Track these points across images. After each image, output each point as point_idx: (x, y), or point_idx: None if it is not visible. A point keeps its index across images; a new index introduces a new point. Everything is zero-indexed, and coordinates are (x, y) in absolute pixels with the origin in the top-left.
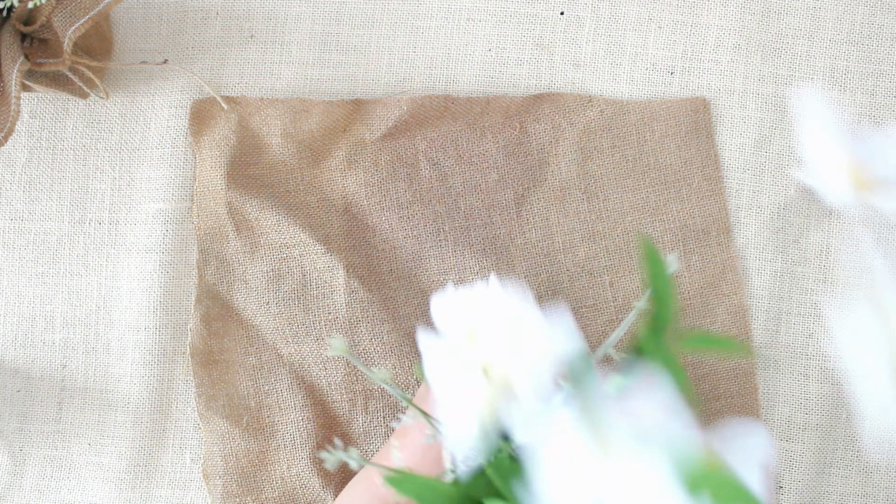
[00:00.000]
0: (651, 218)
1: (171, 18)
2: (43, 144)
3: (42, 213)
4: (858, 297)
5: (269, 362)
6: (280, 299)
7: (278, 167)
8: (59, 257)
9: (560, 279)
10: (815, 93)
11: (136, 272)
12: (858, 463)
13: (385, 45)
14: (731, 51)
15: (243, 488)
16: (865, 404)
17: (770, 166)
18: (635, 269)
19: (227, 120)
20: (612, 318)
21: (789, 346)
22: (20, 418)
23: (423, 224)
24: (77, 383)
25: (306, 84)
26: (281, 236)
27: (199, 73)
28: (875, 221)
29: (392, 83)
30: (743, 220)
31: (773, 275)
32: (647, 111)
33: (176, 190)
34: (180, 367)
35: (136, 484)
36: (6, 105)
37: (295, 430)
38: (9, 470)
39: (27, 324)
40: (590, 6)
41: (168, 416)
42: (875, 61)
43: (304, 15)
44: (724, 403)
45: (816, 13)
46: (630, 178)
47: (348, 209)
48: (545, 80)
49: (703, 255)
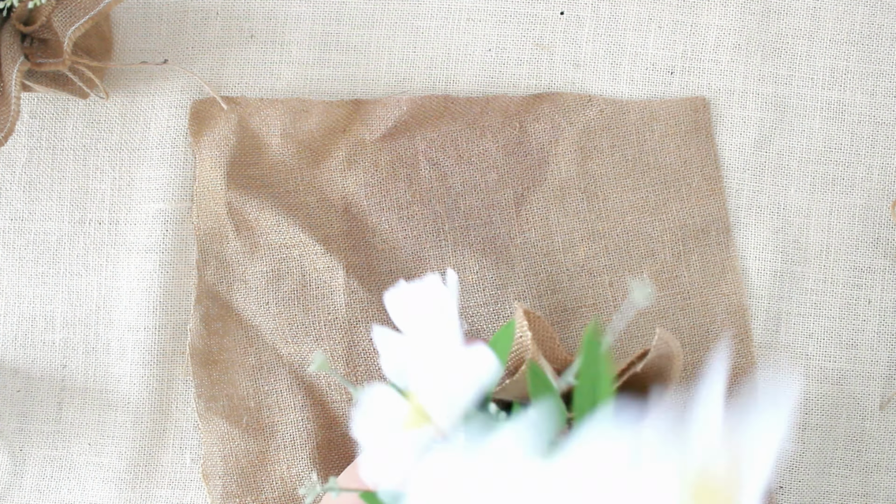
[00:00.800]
0: (651, 217)
1: (171, 18)
2: (43, 144)
3: (42, 213)
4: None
5: (269, 362)
6: (280, 299)
7: (278, 167)
8: (59, 257)
9: (560, 279)
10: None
11: (136, 272)
12: (858, 463)
13: (385, 45)
14: (731, 51)
15: (243, 488)
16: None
17: (770, 166)
18: (635, 268)
19: (227, 120)
20: (612, 318)
21: (789, 346)
22: (20, 418)
23: (423, 224)
24: (77, 383)
25: (306, 84)
26: (281, 236)
27: (199, 73)
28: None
29: (392, 83)
30: (743, 220)
31: (773, 275)
32: (646, 111)
33: (176, 190)
34: (180, 367)
35: (136, 484)
36: (6, 105)
37: (295, 431)
38: (9, 470)
39: (27, 324)
40: (590, 6)
41: (168, 416)
42: (875, 61)
43: (304, 15)
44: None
45: (816, 13)
46: (630, 178)
47: (348, 209)
48: (545, 79)
49: (702, 254)
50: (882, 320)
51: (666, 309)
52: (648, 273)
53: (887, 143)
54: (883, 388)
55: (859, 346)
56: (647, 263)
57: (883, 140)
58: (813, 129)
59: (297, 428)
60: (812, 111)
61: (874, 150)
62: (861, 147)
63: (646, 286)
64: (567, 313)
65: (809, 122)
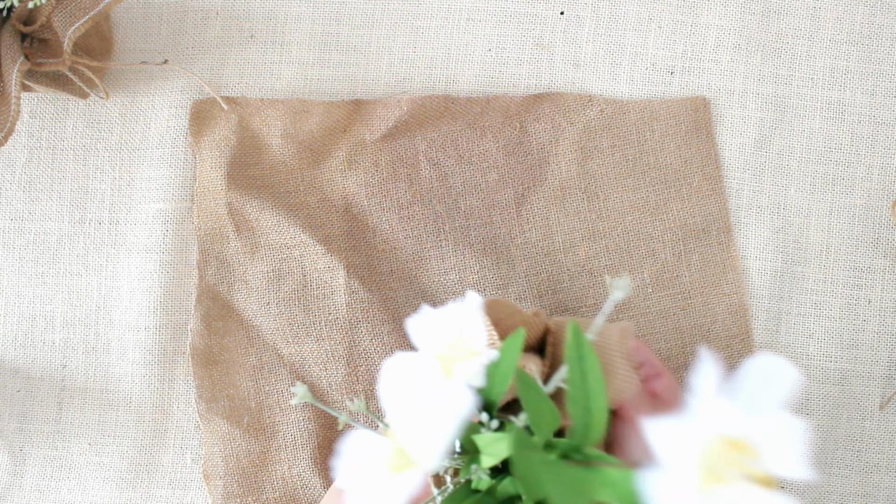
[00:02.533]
0: (651, 217)
1: (171, 18)
2: (43, 144)
3: (42, 213)
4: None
5: (270, 362)
6: (280, 299)
7: (278, 168)
8: (59, 257)
9: (560, 278)
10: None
11: (137, 272)
12: (858, 463)
13: (385, 45)
14: (731, 51)
15: (244, 488)
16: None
17: (770, 166)
18: (636, 268)
19: (228, 120)
20: (612, 318)
21: (789, 346)
22: (20, 418)
23: (423, 224)
24: (77, 383)
25: (306, 84)
26: (281, 237)
27: (199, 73)
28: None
29: (392, 83)
30: (743, 220)
31: (773, 275)
32: (647, 111)
33: (176, 190)
34: (180, 367)
35: (137, 484)
36: (6, 105)
37: (296, 431)
38: (9, 470)
39: (27, 324)
40: (590, 6)
41: (168, 416)
42: (875, 61)
43: (304, 15)
44: None
45: (816, 13)
46: (630, 178)
47: (348, 209)
48: (545, 79)
49: (703, 254)
50: (882, 320)
51: (667, 309)
52: (649, 273)
53: (887, 143)
54: (883, 388)
55: (859, 347)
56: (648, 263)
57: (883, 140)
58: (813, 129)
59: (298, 428)
60: (812, 111)
61: (874, 150)
62: (861, 147)
63: (626, 281)
64: (568, 313)
65: (809, 122)
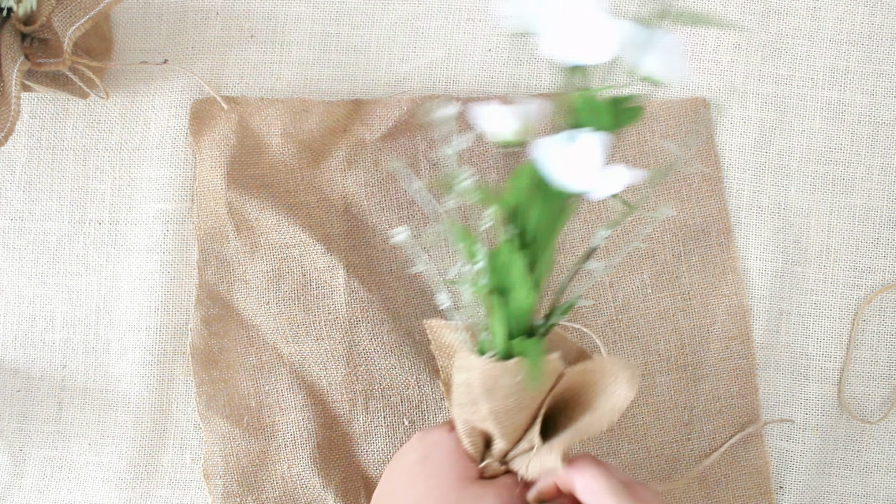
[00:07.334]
0: (651, 218)
1: (171, 18)
2: (43, 144)
3: (42, 213)
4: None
5: (270, 362)
6: (280, 299)
7: (278, 167)
8: (59, 257)
9: (560, 279)
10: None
11: (137, 272)
12: (858, 463)
13: (385, 45)
14: (731, 51)
15: (244, 488)
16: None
17: (770, 166)
18: (636, 269)
19: (227, 120)
20: (612, 319)
21: (789, 346)
22: (20, 418)
23: (423, 224)
24: (77, 383)
25: (306, 84)
26: (281, 236)
27: (199, 73)
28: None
29: (392, 83)
30: (743, 221)
31: (773, 275)
32: (646, 111)
33: (176, 190)
34: (180, 367)
35: (137, 484)
36: (6, 105)
37: (296, 430)
38: (9, 470)
39: (27, 324)
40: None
41: (168, 416)
42: (875, 61)
43: (304, 15)
44: (724, 404)
45: (816, 13)
46: None
47: (348, 209)
48: (545, 79)
49: (703, 255)
50: (882, 320)
51: (666, 309)
52: (649, 274)
53: (887, 143)
54: (883, 388)
55: (859, 347)
56: (648, 264)
57: (883, 140)
58: (813, 129)
59: (298, 427)
60: (812, 111)
61: (874, 150)
62: (861, 147)
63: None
64: (568, 313)
65: (809, 122)
